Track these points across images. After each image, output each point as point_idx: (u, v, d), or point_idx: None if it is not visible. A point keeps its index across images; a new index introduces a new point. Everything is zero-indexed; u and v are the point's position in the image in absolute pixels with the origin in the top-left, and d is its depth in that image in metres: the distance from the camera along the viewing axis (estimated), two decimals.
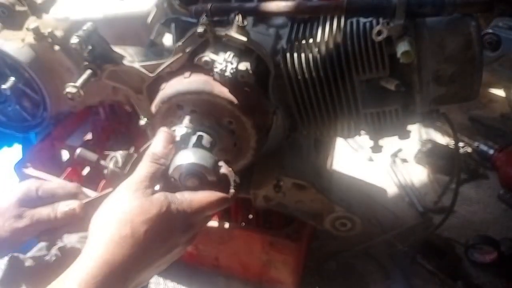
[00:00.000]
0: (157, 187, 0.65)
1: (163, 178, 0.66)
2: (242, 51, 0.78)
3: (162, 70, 0.82)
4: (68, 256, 0.85)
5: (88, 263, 0.56)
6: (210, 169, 0.66)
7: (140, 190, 0.62)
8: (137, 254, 0.58)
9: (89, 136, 1.48)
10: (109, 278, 0.55)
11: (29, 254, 1.32)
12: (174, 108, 0.81)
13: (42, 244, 1.30)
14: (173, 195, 0.63)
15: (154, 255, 0.60)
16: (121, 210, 0.60)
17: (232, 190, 0.67)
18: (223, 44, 0.78)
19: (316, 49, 0.80)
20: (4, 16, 1.10)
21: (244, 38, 0.76)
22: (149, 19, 0.99)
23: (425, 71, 0.78)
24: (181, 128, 0.73)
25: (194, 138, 0.74)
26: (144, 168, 0.64)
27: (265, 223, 1.24)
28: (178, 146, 0.70)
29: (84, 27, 0.77)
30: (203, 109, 0.79)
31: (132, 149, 0.89)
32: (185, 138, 0.72)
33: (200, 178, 0.66)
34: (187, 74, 0.80)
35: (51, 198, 0.73)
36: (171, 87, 0.81)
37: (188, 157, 0.66)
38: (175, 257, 0.65)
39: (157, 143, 0.68)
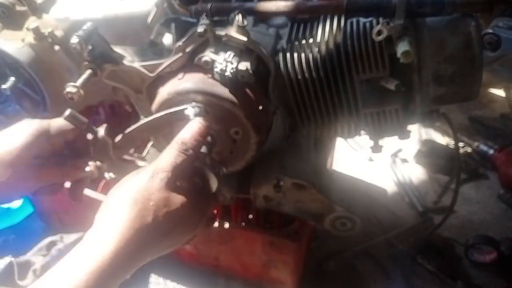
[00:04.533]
0: None
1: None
2: (242, 51, 0.78)
3: (162, 70, 0.82)
4: None
5: (101, 251, 0.55)
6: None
7: (168, 180, 0.61)
8: (154, 242, 0.59)
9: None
10: (120, 267, 0.56)
11: (29, 253, 1.32)
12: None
13: (42, 244, 1.30)
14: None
15: (166, 243, 0.62)
16: (146, 197, 0.59)
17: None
18: (223, 44, 0.78)
19: (316, 49, 0.80)
20: (4, 16, 1.10)
21: (244, 38, 0.76)
22: (149, 19, 0.99)
23: (425, 71, 0.78)
24: (189, 109, 0.72)
25: None
26: (171, 156, 0.62)
27: (265, 223, 1.24)
28: None
29: (84, 27, 0.77)
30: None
31: (131, 150, 0.90)
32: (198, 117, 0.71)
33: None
34: (180, 75, 0.80)
35: (62, 137, 0.75)
36: (170, 87, 0.81)
37: None
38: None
39: (188, 132, 0.65)
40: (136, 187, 0.60)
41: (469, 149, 1.62)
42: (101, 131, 0.76)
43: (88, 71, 0.79)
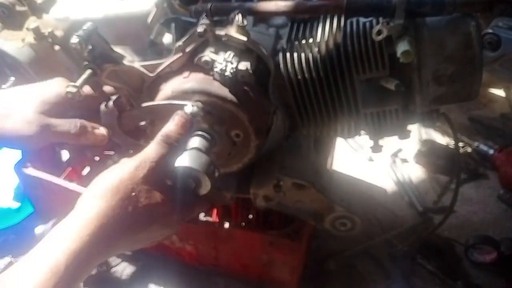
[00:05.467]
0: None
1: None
2: (242, 51, 0.78)
3: (162, 70, 0.82)
4: None
5: (78, 234, 0.56)
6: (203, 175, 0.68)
7: (154, 171, 0.63)
8: (130, 232, 0.61)
9: None
10: (99, 247, 0.57)
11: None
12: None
13: None
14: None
15: (142, 237, 0.64)
16: (129, 186, 0.61)
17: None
18: (223, 44, 0.78)
19: (316, 49, 0.80)
20: (4, 16, 1.10)
21: (244, 38, 0.76)
22: (149, 19, 0.99)
23: (425, 71, 0.78)
24: (188, 106, 0.74)
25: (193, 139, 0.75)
26: (157, 148, 0.65)
27: (265, 223, 1.24)
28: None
29: (84, 27, 0.77)
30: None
31: (131, 151, 0.90)
32: (194, 116, 0.73)
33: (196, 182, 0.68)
34: (186, 74, 0.81)
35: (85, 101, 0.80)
36: (170, 87, 0.81)
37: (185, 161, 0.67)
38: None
39: (171, 126, 0.68)
40: (120, 176, 0.61)
41: (469, 149, 1.61)
42: (112, 100, 0.83)
43: (88, 71, 0.80)
